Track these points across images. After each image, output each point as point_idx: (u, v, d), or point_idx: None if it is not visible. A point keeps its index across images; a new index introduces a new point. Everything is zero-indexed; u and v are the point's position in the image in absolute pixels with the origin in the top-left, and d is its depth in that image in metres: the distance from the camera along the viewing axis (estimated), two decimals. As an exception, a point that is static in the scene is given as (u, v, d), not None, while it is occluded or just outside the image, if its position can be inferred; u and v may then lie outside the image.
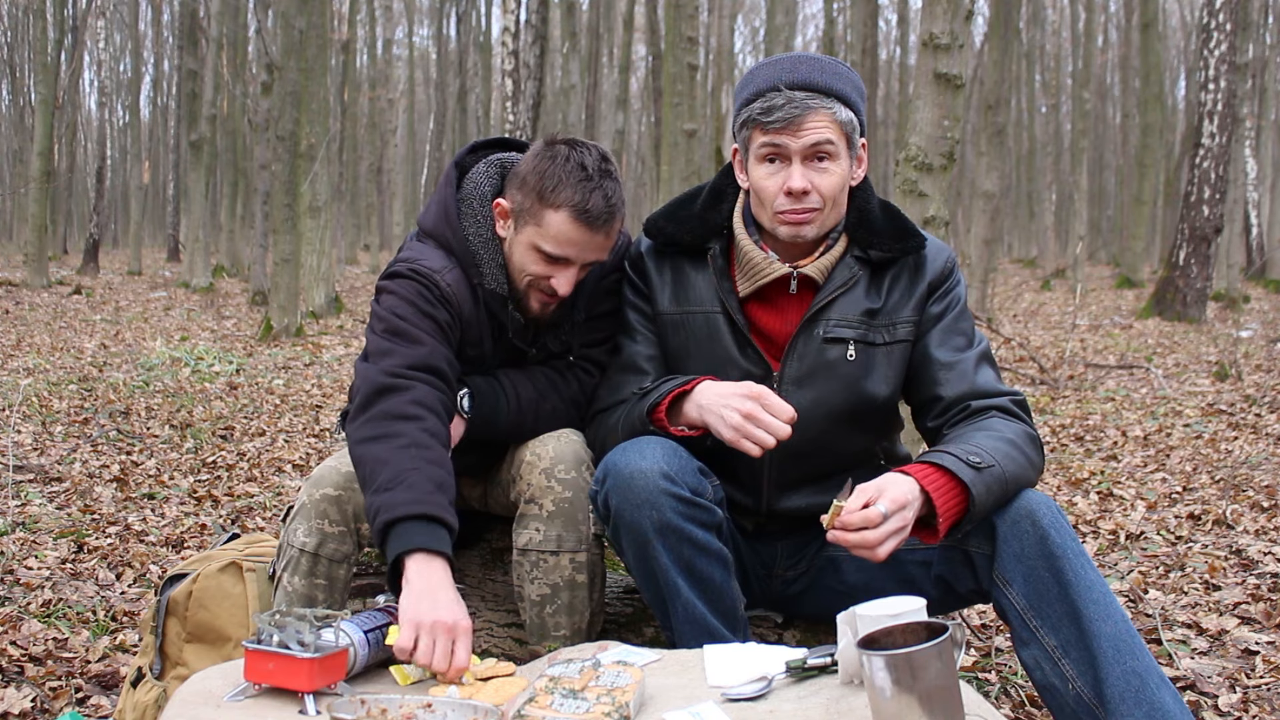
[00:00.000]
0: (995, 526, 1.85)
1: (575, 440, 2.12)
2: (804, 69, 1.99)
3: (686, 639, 1.92)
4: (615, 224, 2.06)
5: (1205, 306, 13.54)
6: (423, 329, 2.02)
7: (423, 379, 1.96)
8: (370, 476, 1.86)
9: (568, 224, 2.01)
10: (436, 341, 2.02)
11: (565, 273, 2.05)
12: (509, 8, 14.82)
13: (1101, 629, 1.74)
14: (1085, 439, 6.12)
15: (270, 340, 11.54)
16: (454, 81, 29.39)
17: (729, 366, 2.07)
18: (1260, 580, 3.41)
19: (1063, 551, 1.79)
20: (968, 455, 1.82)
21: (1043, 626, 1.79)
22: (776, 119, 1.95)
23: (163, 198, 34.73)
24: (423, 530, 1.79)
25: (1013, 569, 1.83)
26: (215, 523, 4.28)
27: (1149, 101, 20.28)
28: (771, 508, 2.14)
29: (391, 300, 2.06)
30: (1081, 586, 1.76)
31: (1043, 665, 1.80)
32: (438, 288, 2.06)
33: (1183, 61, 32.60)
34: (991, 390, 2.02)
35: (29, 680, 2.64)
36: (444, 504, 1.83)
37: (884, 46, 33.87)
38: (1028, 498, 1.86)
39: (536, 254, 2.05)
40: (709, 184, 2.19)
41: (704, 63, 16.97)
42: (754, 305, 2.10)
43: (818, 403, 2.03)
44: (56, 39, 20.45)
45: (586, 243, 2.03)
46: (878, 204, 2.11)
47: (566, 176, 2.01)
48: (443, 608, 1.72)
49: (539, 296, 2.10)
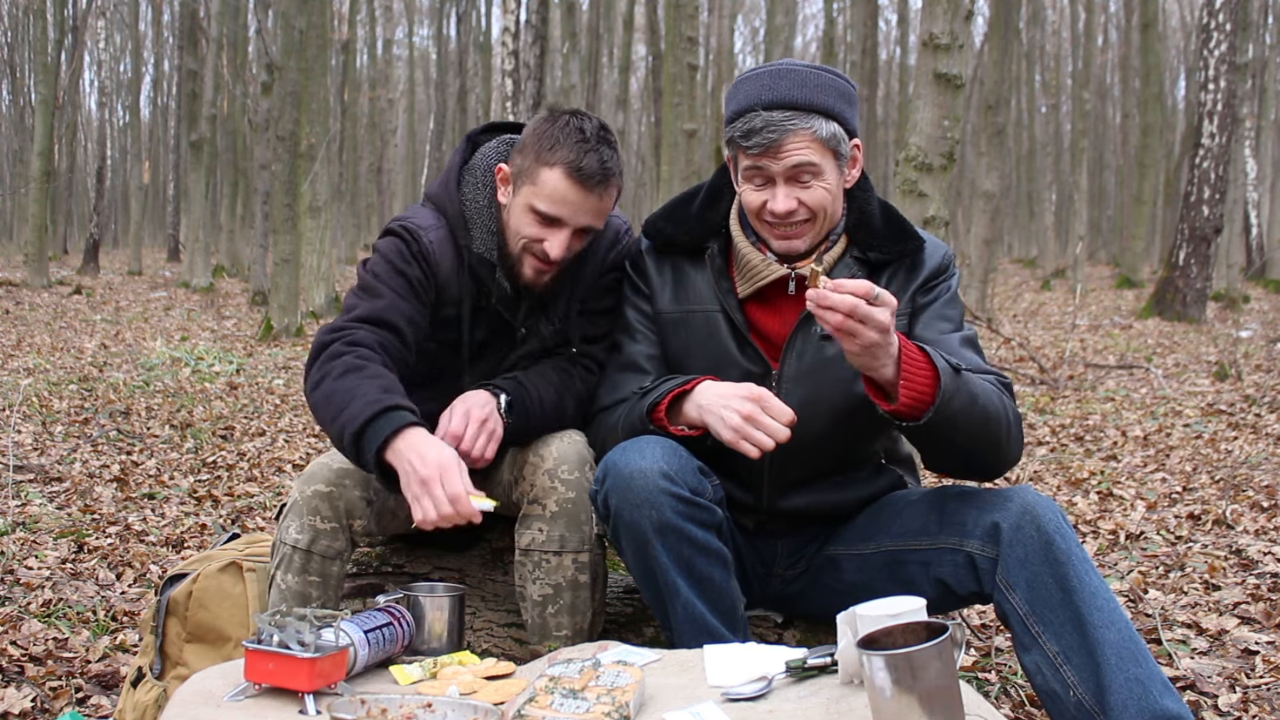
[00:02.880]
0: (999, 528, 1.85)
1: (578, 441, 2.12)
2: (783, 86, 1.96)
3: (686, 639, 1.92)
4: (609, 189, 2.08)
5: (1205, 306, 13.54)
6: (388, 284, 2.09)
7: (363, 327, 2.03)
8: (324, 413, 1.94)
9: (561, 181, 2.04)
10: (399, 297, 2.08)
11: (558, 235, 2.07)
12: (509, 8, 14.81)
13: (1105, 636, 1.73)
14: (1085, 439, 6.12)
15: (270, 340, 11.54)
16: (454, 81, 29.40)
17: (729, 365, 2.08)
18: (1260, 580, 3.41)
19: (1067, 557, 1.78)
20: (949, 359, 1.84)
21: (1045, 632, 1.79)
22: (755, 144, 1.95)
23: (163, 198, 34.72)
24: (384, 421, 1.86)
25: (1016, 573, 1.82)
26: (215, 523, 4.28)
27: (1149, 101, 20.28)
28: (771, 506, 2.14)
29: (374, 258, 2.15)
30: (1085, 593, 1.76)
31: (1044, 671, 1.79)
32: (418, 243, 2.13)
33: (1183, 61, 32.60)
34: (976, 368, 2.00)
35: (29, 680, 2.64)
36: (395, 398, 1.90)
37: (884, 46, 33.87)
38: (1032, 500, 1.85)
39: (531, 214, 2.08)
40: (707, 183, 2.20)
41: (704, 63, 16.97)
42: (753, 305, 2.11)
43: (817, 400, 2.03)
44: (56, 39, 20.45)
45: (579, 203, 2.06)
46: (878, 205, 2.12)
47: (565, 138, 2.05)
48: (430, 457, 1.82)
49: (533, 263, 2.12)
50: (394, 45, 39.18)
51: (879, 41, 26.79)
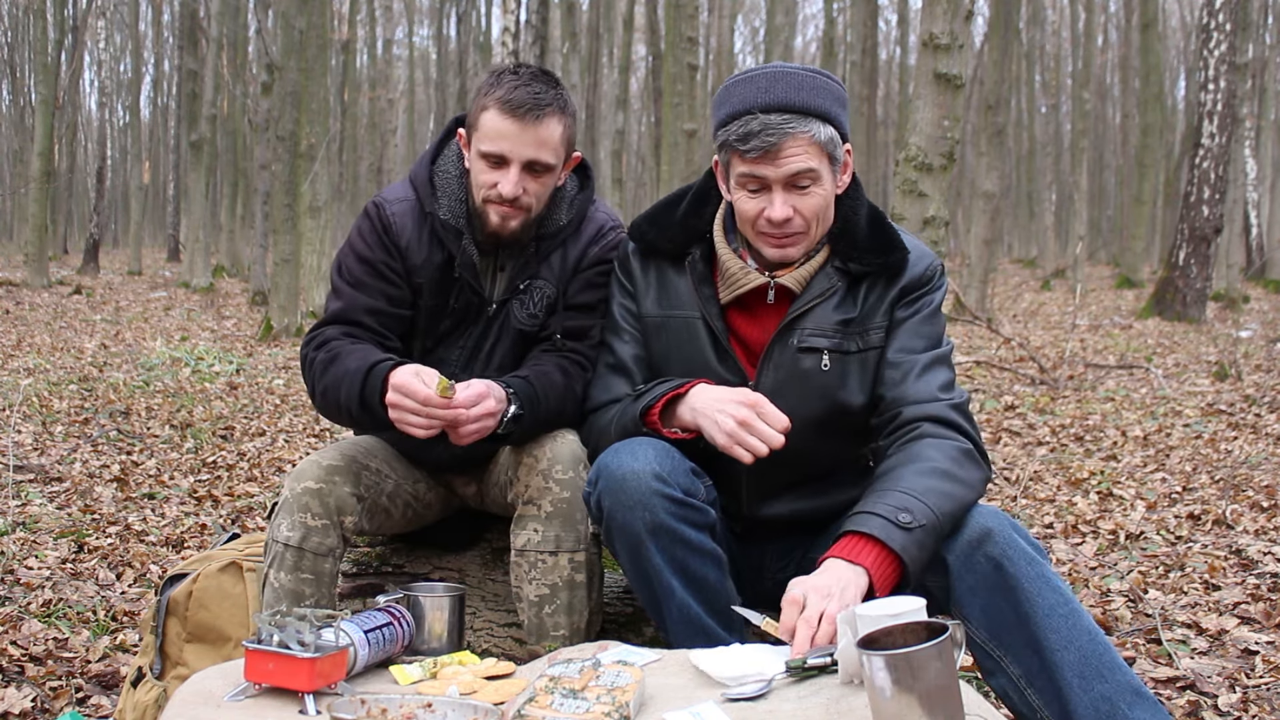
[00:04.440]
0: (947, 561, 1.82)
1: (572, 440, 2.12)
2: (780, 88, 1.92)
3: (682, 639, 1.91)
4: (545, 118, 2.11)
5: (1205, 306, 13.54)
6: (348, 279, 2.22)
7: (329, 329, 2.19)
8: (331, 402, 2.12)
9: (496, 118, 2.11)
10: (357, 291, 2.21)
11: (506, 174, 2.13)
12: (509, 8, 14.80)
13: (1064, 658, 1.71)
14: (1085, 439, 6.12)
15: (270, 340, 11.54)
16: (454, 81, 29.37)
17: (706, 373, 2.05)
18: (1260, 580, 3.41)
19: (1017, 581, 1.75)
20: (896, 515, 1.77)
21: (1006, 656, 1.77)
22: (753, 147, 1.90)
23: (163, 198, 34.70)
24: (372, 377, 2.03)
25: (969, 602, 1.80)
26: (215, 523, 4.28)
27: (1149, 101, 20.28)
28: (753, 514, 2.13)
29: (341, 251, 2.28)
30: (1039, 616, 1.73)
31: (1010, 695, 1.78)
32: (380, 212, 2.22)
33: (1183, 61, 32.59)
34: (928, 396, 1.96)
35: (29, 680, 2.64)
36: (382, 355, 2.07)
37: (884, 46, 33.86)
38: (977, 524, 1.81)
39: (482, 161, 2.15)
40: (694, 187, 2.16)
41: (704, 63, 16.97)
42: (734, 313, 2.08)
43: (793, 412, 1.95)
44: (56, 39, 20.45)
45: (517, 135, 2.10)
46: (865, 214, 2.06)
47: (500, 81, 2.15)
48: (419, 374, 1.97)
49: (496, 209, 2.16)
50: (394, 45, 39.14)
51: (879, 41, 26.79)
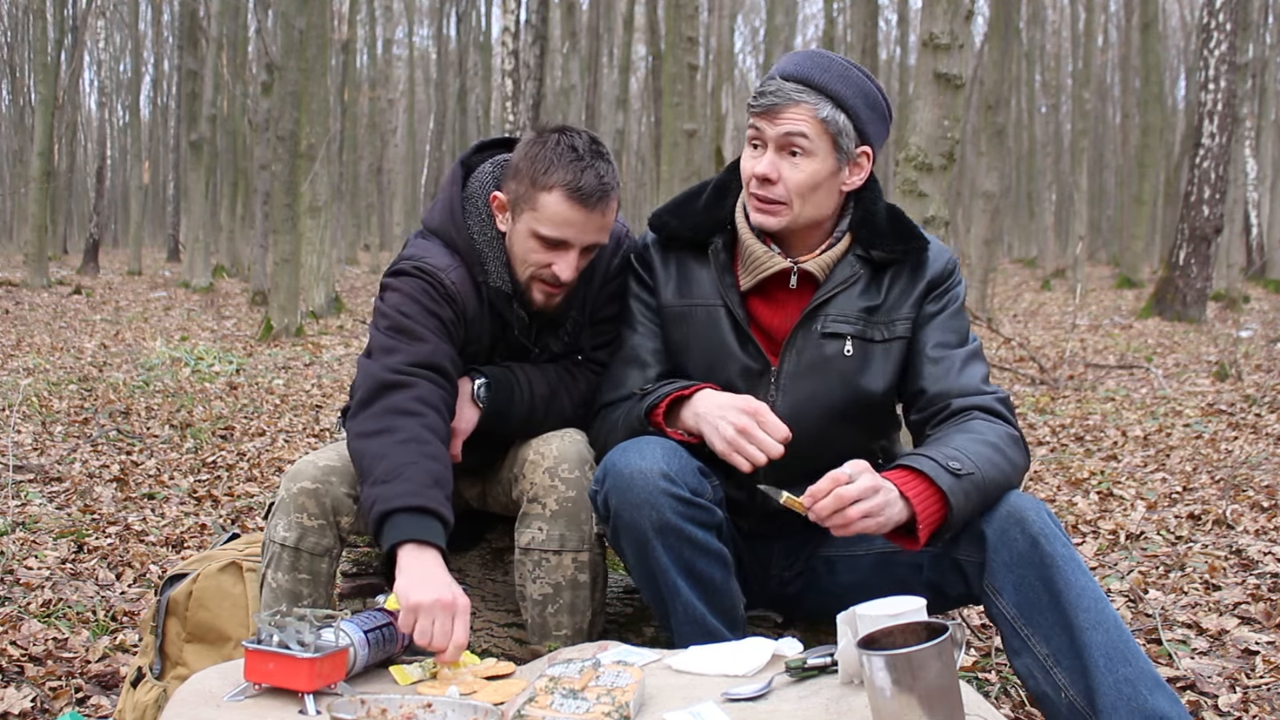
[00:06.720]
0: (984, 533, 1.84)
1: (578, 439, 2.12)
2: (807, 64, 1.99)
3: (686, 639, 1.91)
4: (610, 203, 2.06)
5: (1205, 306, 13.54)
6: (426, 326, 2.04)
7: (425, 376, 1.98)
8: (369, 469, 1.89)
9: (562, 204, 2.02)
10: (440, 340, 2.04)
11: (565, 257, 2.05)
12: (509, 8, 14.83)
13: (1093, 638, 1.72)
14: (1085, 439, 6.12)
15: (270, 340, 11.54)
16: (454, 81, 29.37)
17: (728, 360, 2.07)
18: (1260, 580, 3.41)
19: (1053, 559, 1.77)
20: (947, 460, 1.80)
21: (1034, 635, 1.78)
22: (759, 104, 1.98)
23: (163, 198, 34.69)
24: (417, 522, 1.82)
25: (1003, 578, 1.81)
26: (215, 523, 4.28)
27: (1149, 101, 20.27)
28: (765, 506, 2.13)
29: (396, 298, 2.07)
30: (1072, 595, 1.75)
31: (1035, 674, 1.79)
32: (442, 286, 2.08)
33: (1183, 61, 32.60)
34: (974, 389, 2.00)
35: (29, 680, 2.64)
36: (440, 499, 1.86)
37: (884, 46, 33.82)
38: (1017, 502, 1.84)
39: (536, 240, 2.05)
40: (714, 180, 2.19)
41: (704, 63, 16.95)
42: (755, 300, 2.10)
43: (814, 398, 2.03)
44: (56, 39, 20.47)
45: (583, 223, 2.04)
46: (884, 208, 2.11)
47: (558, 159, 2.02)
48: (438, 588, 1.75)
49: (542, 288, 2.10)
50: (394, 45, 39.17)
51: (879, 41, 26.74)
